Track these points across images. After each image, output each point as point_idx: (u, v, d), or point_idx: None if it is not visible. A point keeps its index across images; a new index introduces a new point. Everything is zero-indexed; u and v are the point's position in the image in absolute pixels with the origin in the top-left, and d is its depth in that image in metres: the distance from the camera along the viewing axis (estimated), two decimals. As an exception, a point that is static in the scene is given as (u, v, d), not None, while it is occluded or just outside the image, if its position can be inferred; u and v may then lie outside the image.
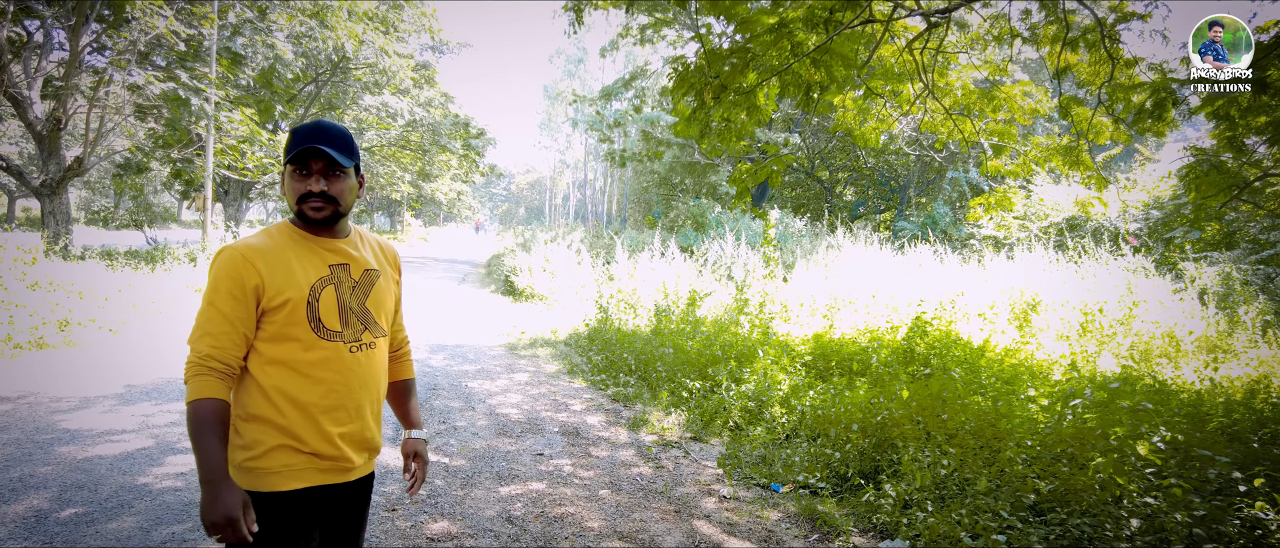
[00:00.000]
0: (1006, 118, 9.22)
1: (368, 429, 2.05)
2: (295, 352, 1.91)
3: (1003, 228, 17.97)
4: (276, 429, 1.89)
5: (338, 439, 1.95)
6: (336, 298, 1.97)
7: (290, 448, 1.89)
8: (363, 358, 2.01)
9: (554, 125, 67.70)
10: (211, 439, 1.78)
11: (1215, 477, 4.09)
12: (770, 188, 13.11)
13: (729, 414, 6.25)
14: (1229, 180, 7.43)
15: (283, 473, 1.89)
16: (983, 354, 7.61)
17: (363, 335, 2.02)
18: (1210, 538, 3.48)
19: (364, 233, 2.18)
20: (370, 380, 2.04)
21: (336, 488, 2.00)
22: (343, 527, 2.06)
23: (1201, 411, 5.39)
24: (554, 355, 9.26)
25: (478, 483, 4.67)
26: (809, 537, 4.05)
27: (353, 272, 2.03)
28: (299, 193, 1.95)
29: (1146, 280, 12.37)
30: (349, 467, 2.01)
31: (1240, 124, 6.94)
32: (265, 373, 1.90)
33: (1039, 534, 3.68)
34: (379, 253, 2.17)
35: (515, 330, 11.09)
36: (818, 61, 4.63)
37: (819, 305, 11.60)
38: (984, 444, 4.54)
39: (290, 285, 1.90)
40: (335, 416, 1.95)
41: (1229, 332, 9.74)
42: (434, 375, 7.76)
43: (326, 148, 1.92)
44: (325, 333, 1.94)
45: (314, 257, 1.98)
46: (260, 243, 1.94)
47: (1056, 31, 7.77)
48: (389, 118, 25.77)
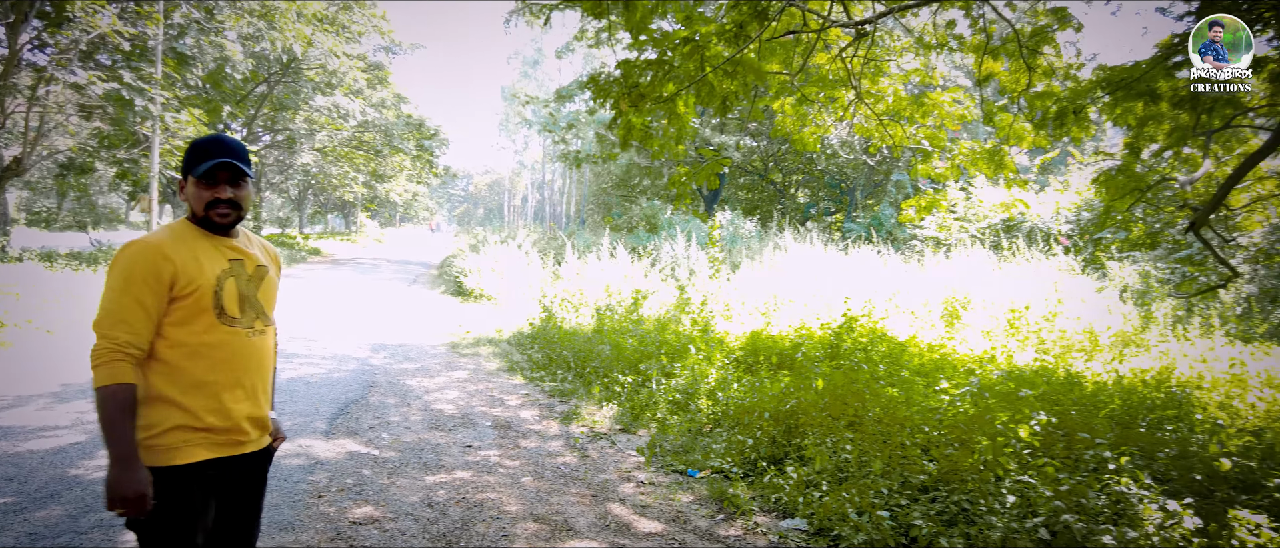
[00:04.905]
0: (936, 124, 9.59)
1: (260, 407, 2.27)
2: (199, 335, 2.13)
3: (943, 229, 18.54)
4: (176, 408, 2.09)
5: (235, 415, 2.17)
6: (237, 288, 2.20)
7: (186, 426, 2.10)
8: (256, 342, 2.24)
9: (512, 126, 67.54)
10: (128, 421, 2.01)
11: (1091, 457, 4.45)
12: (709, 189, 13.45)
13: (657, 407, 6.50)
14: (1134, 184, 7.89)
15: (180, 448, 2.09)
16: (905, 350, 7.97)
17: (256, 322, 2.25)
18: (1070, 510, 3.82)
19: (249, 234, 2.41)
20: (263, 363, 2.27)
21: (231, 461, 2.20)
22: (239, 496, 2.26)
23: (1097, 399, 5.79)
24: (496, 354, 9.44)
25: (404, 473, 4.86)
26: (715, 517, 4.32)
27: (247, 266, 2.26)
28: (207, 200, 2.17)
29: (1073, 279, 12.95)
30: (242, 440, 2.22)
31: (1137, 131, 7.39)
32: (169, 355, 2.11)
33: (922, 510, 3.98)
34: (264, 252, 2.40)
35: (460, 330, 11.24)
36: (730, 72, 4.91)
37: (759, 304, 11.94)
38: (884, 430, 4.85)
39: (200, 275, 2.12)
40: (234, 394, 2.17)
41: (1143, 327, 10.29)
42: (373, 374, 7.89)
43: (233, 161, 2.17)
44: (227, 319, 2.16)
45: (215, 252, 2.20)
46: (168, 237, 2.16)
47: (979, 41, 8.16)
48: (341, 118, 25.64)
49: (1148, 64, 6.65)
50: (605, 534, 4.01)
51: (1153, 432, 4.97)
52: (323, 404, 6.48)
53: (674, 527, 4.16)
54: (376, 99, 29.79)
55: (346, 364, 8.28)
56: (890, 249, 17.83)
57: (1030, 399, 5.04)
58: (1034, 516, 3.85)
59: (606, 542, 3.92)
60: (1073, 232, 17.08)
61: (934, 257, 16.14)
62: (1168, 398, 5.93)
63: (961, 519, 3.95)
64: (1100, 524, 3.71)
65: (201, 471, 2.12)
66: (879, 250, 16.89)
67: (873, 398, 5.31)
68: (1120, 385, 6.54)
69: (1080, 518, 3.75)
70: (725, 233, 20.18)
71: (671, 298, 11.55)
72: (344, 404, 6.54)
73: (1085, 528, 3.67)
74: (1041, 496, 3.92)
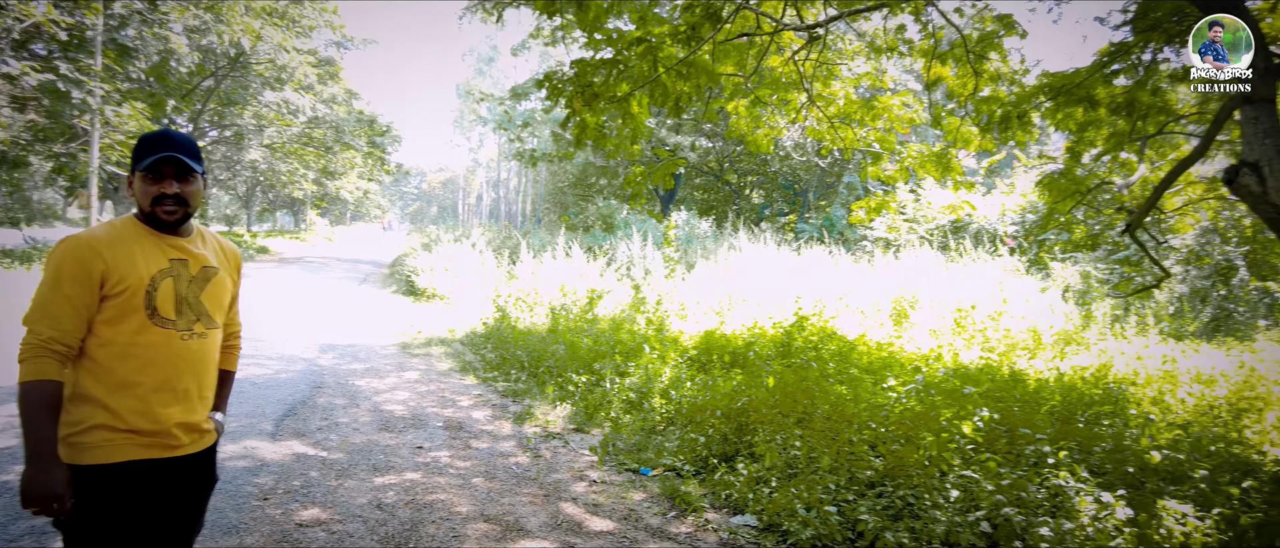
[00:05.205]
0: (886, 126, 9.75)
1: (195, 411, 2.20)
2: (129, 335, 2.07)
3: (893, 230, 18.88)
4: (101, 407, 2.04)
5: (163, 419, 2.11)
6: (174, 290, 2.14)
7: (109, 426, 2.04)
8: (194, 345, 2.18)
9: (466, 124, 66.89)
10: (47, 419, 1.96)
11: (1031, 452, 4.58)
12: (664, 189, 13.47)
13: (611, 406, 6.51)
14: (1075, 187, 8.13)
15: (103, 447, 2.04)
16: (854, 348, 8.11)
17: (195, 325, 2.19)
18: (1011, 504, 3.93)
19: (206, 233, 2.35)
20: (199, 366, 2.20)
21: (165, 464, 2.14)
22: (176, 500, 2.20)
23: (1039, 396, 5.97)
24: (448, 354, 9.35)
25: (353, 474, 4.79)
26: (667, 514, 4.35)
27: (191, 267, 2.20)
28: (153, 196, 2.12)
29: (1018, 279, 13.31)
30: (174, 444, 2.15)
31: (1078, 136, 7.63)
32: (98, 354, 2.06)
33: (868, 506, 4.06)
34: (219, 252, 2.34)
35: (412, 330, 11.11)
36: (684, 74, 4.95)
37: (713, 304, 12.03)
38: (832, 427, 4.93)
39: (132, 274, 2.07)
40: (162, 396, 2.11)
41: (1084, 326, 10.63)
42: (322, 374, 7.76)
43: (179, 155, 2.11)
44: (160, 320, 2.11)
45: (155, 250, 2.14)
46: (104, 234, 2.10)
47: (928, 46, 8.33)
48: (290, 114, 25.14)
49: (1087, 71, 6.87)
50: (557, 534, 4.01)
51: (1090, 427, 5.14)
52: (269, 405, 6.36)
53: (625, 525, 4.18)
54: (327, 95, 29.24)
55: (294, 365, 8.13)
56: (841, 250, 18.12)
57: (974, 396, 5.18)
58: (976, 509, 3.96)
59: (558, 541, 3.91)
60: (1018, 233, 17.54)
61: (883, 257, 16.44)
62: (1105, 394, 6.14)
63: (907, 514, 4.04)
64: (1039, 517, 3.83)
65: (128, 471, 2.06)
66: (831, 251, 17.15)
67: (822, 395, 5.40)
68: (1061, 383, 6.75)
69: (1020, 511, 3.87)
70: (681, 233, 20.28)
71: (627, 297, 11.57)
72: (291, 405, 6.42)
73: (1025, 521, 3.78)
74: (984, 490, 4.03)
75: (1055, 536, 3.62)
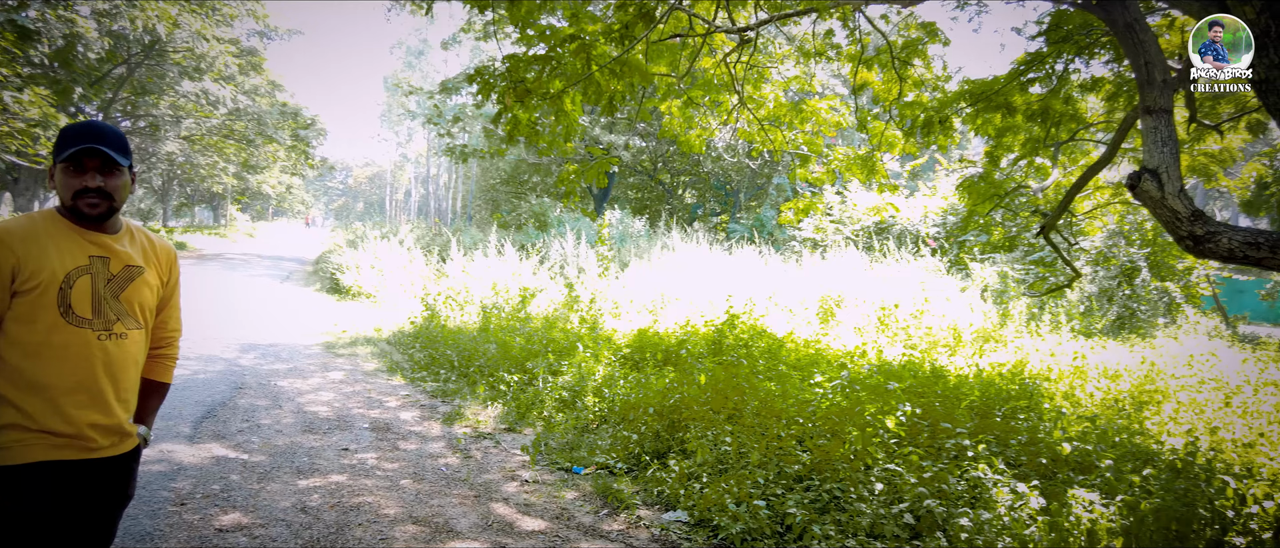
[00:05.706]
0: (814, 130, 9.94)
1: (112, 414, 2.10)
2: (41, 334, 1.98)
3: (820, 231, 19.29)
4: (11, 407, 1.94)
5: (77, 421, 2.01)
6: (91, 288, 2.04)
7: (21, 426, 1.95)
8: (112, 346, 2.07)
9: (394, 118, 65.46)
10: None
11: (952, 445, 4.75)
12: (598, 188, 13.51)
13: (544, 405, 6.48)
14: (993, 190, 8.45)
15: (14, 448, 1.94)
16: (783, 345, 8.26)
17: (114, 326, 2.08)
18: (933, 495, 4.07)
19: (136, 230, 2.24)
20: (117, 368, 2.10)
21: (81, 465, 2.05)
22: (89, 503, 2.10)
23: (959, 391, 6.19)
24: (374, 353, 9.15)
25: (275, 477, 4.64)
26: (599, 512, 4.35)
27: (112, 265, 2.10)
28: (74, 189, 2.02)
29: (940, 279, 13.77)
30: (91, 446, 2.06)
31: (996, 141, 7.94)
32: (9, 353, 1.96)
33: (796, 499, 4.14)
34: (149, 251, 2.23)
35: (336, 329, 10.83)
36: (617, 72, 4.96)
37: (647, 302, 12.09)
38: (762, 422, 5.02)
39: (44, 270, 1.97)
40: (76, 397, 2.01)
41: (1001, 324, 11.06)
42: (242, 375, 7.50)
43: (102, 147, 2.01)
44: (74, 319, 2.01)
45: (74, 246, 2.04)
46: (18, 227, 2.00)
47: (855, 52, 8.53)
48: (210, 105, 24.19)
49: (1005, 79, 7.16)
50: (488, 534, 3.97)
51: (1007, 421, 5.37)
52: (187, 407, 6.11)
53: (558, 524, 4.16)
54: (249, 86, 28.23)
55: (213, 365, 7.83)
56: (771, 250, 18.44)
57: (898, 392, 5.33)
58: (900, 501, 4.08)
59: (489, 542, 3.88)
60: (939, 234, 18.13)
61: (811, 257, 16.79)
62: (1021, 390, 6.40)
63: (833, 507, 4.14)
64: (959, 508, 3.97)
65: (41, 472, 1.96)
66: (761, 251, 17.43)
67: (752, 392, 5.48)
68: (980, 378, 7.01)
69: (941, 502, 4.00)
70: (614, 232, 20.30)
71: (560, 296, 11.53)
72: (210, 407, 6.19)
73: (946, 512, 3.91)
74: (907, 483, 4.15)
75: (974, 526, 3.76)
